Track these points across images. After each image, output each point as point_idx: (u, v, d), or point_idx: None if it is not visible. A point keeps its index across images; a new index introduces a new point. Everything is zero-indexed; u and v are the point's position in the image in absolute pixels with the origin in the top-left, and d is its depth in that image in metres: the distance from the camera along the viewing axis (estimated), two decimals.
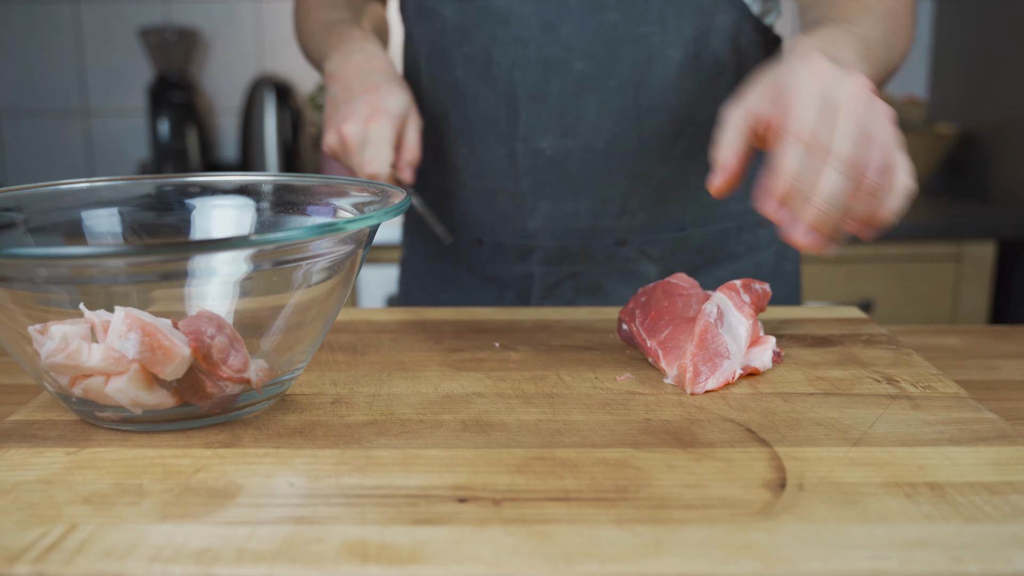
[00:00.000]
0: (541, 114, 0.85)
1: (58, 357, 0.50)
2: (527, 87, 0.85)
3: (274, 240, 0.48)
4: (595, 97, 0.84)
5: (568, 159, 0.87)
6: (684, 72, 0.84)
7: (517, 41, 0.84)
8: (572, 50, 0.83)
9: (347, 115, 0.77)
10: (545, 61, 0.84)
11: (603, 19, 0.82)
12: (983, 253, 1.83)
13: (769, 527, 0.42)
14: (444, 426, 0.54)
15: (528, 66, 0.84)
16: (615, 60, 0.83)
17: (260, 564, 0.39)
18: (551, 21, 0.83)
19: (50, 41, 2.28)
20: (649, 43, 0.83)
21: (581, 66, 0.83)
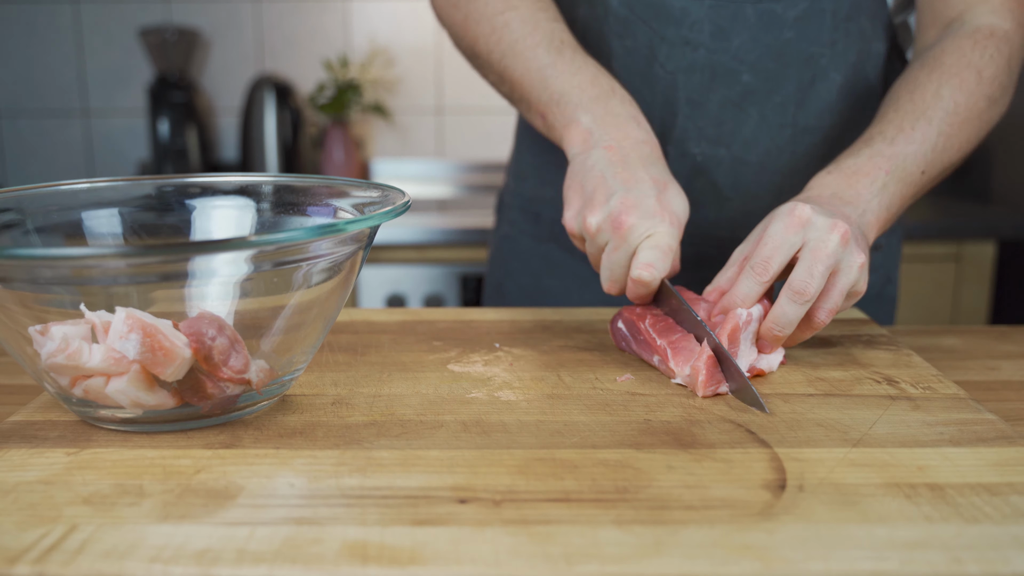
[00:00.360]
0: (699, 120, 0.84)
1: (59, 358, 0.50)
2: (688, 91, 0.84)
3: (274, 241, 0.48)
4: (756, 110, 0.84)
5: (718, 168, 0.86)
6: (842, 95, 0.85)
7: (686, 43, 0.82)
8: (742, 60, 0.82)
9: (632, 205, 0.65)
10: (712, 68, 0.83)
11: (778, 35, 0.82)
12: (983, 253, 1.83)
13: (769, 528, 0.42)
14: (444, 427, 0.54)
15: (693, 70, 0.83)
16: (782, 76, 0.83)
17: (260, 565, 0.39)
18: (725, 29, 0.82)
19: (50, 41, 2.28)
20: (817, 64, 0.83)
21: (748, 78, 0.83)
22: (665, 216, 0.66)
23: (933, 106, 0.73)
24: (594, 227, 0.66)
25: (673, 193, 0.68)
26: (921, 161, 0.71)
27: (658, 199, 0.66)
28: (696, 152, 0.86)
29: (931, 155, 0.72)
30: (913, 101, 0.73)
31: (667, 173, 0.70)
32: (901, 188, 0.70)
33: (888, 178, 0.69)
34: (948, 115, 0.72)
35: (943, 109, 0.72)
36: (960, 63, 0.74)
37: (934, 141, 0.72)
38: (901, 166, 0.70)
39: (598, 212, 0.66)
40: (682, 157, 0.86)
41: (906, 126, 0.72)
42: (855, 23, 0.83)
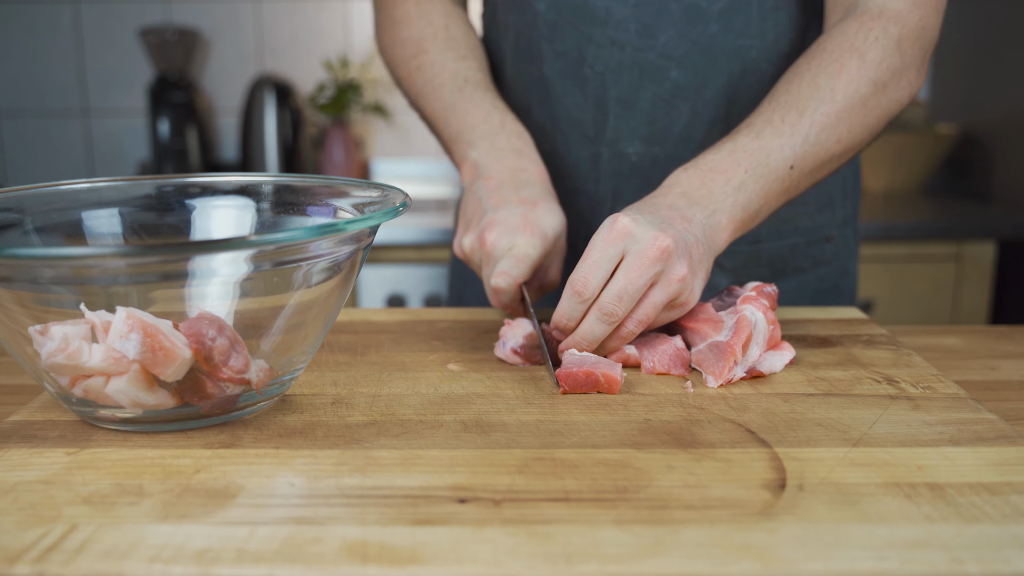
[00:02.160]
0: (631, 119, 0.85)
1: (58, 357, 0.50)
2: (619, 91, 0.84)
3: (274, 241, 0.48)
4: (687, 106, 0.84)
5: (653, 167, 0.86)
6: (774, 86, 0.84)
7: (612, 43, 0.83)
8: (669, 57, 0.82)
9: (495, 222, 0.70)
10: (640, 66, 0.83)
11: (704, 29, 0.81)
12: (983, 253, 1.83)
13: (769, 527, 0.42)
14: (444, 426, 0.54)
15: (622, 70, 0.83)
16: (712, 71, 0.83)
17: (260, 564, 0.39)
18: (650, 26, 0.82)
19: (50, 41, 2.28)
20: (747, 56, 0.82)
21: (677, 74, 0.83)
22: (527, 230, 0.70)
23: (808, 96, 0.69)
24: (468, 248, 0.72)
25: (543, 210, 0.71)
26: (789, 155, 0.68)
27: (523, 216, 0.70)
28: (631, 152, 0.86)
29: (802, 148, 0.68)
30: (788, 92, 0.70)
31: (543, 193, 0.73)
32: (763, 185, 0.67)
33: (747, 176, 0.67)
34: (823, 104, 0.69)
35: (818, 99, 0.69)
36: (841, 47, 0.71)
37: (805, 133, 0.68)
38: (764, 162, 0.67)
39: (470, 234, 0.72)
40: (617, 158, 0.86)
41: (776, 118, 0.69)
42: (784, 12, 0.82)
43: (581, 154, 0.87)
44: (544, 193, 0.73)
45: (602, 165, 0.87)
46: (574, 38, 0.84)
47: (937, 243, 1.82)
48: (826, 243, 0.93)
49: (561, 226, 0.72)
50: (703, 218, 0.65)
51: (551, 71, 0.86)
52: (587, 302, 0.61)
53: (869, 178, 2.11)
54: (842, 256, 0.95)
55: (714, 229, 0.66)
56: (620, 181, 0.87)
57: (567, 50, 0.84)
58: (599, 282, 0.61)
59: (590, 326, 0.62)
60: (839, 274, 0.95)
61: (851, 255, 0.97)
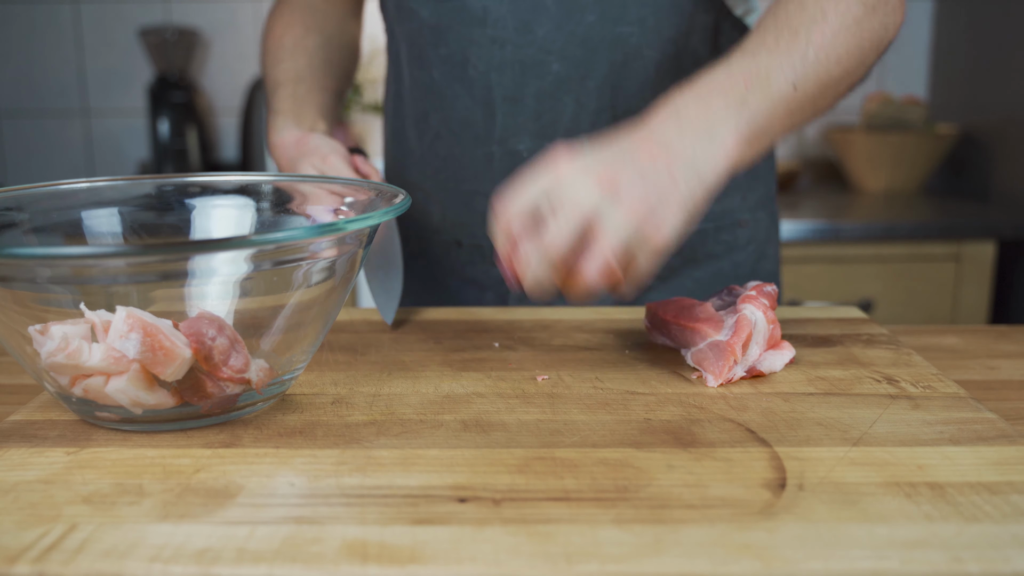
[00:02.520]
0: (518, 116, 0.85)
1: (58, 357, 0.50)
2: (503, 88, 0.84)
3: (274, 240, 0.48)
4: (572, 98, 0.84)
5: None
6: (663, 72, 0.83)
7: (493, 42, 0.83)
8: (549, 51, 0.82)
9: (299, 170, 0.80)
10: (521, 62, 0.83)
11: (580, 20, 0.81)
12: (983, 253, 1.83)
13: (769, 527, 0.42)
14: (444, 426, 0.54)
15: (504, 67, 0.83)
16: (592, 61, 0.82)
17: (260, 564, 0.39)
18: (527, 22, 0.82)
19: (50, 41, 2.28)
20: (627, 44, 0.82)
21: (558, 67, 0.83)
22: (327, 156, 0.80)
23: (797, 16, 0.66)
24: None
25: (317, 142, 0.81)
26: (790, 72, 0.63)
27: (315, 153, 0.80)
28: (522, 148, 0.86)
29: (801, 67, 0.64)
30: (776, 16, 0.67)
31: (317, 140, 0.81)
32: (767, 103, 0.62)
33: (748, 92, 0.62)
34: (816, 24, 0.65)
35: (810, 19, 0.65)
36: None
37: (803, 51, 0.65)
38: (764, 76, 0.63)
39: None
40: (509, 155, 0.86)
41: (768, 39, 0.65)
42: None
43: (475, 155, 0.88)
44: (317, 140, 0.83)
45: (495, 164, 0.87)
46: (457, 41, 0.84)
47: (937, 243, 1.82)
48: (738, 228, 0.93)
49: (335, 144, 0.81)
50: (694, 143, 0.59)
51: (440, 76, 0.87)
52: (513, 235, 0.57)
53: (869, 178, 2.11)
54: (757, 240, 0.94)
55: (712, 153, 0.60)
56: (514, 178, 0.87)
57: (451, 53, 0.85)
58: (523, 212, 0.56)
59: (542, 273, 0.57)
60: (756, 259, 0.94)
61: (768, 238, 0.96)
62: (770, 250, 0.97)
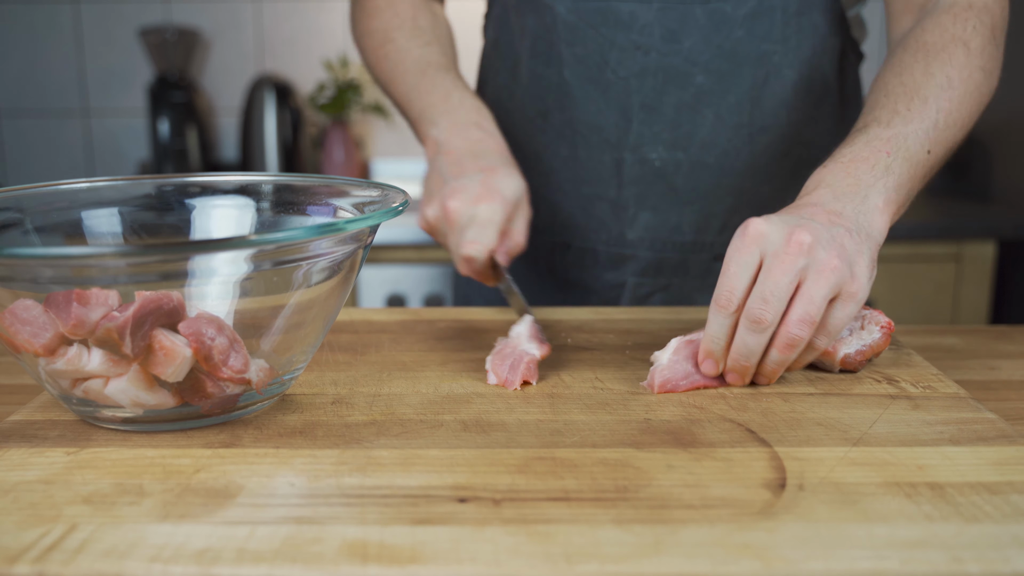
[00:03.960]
0: (654, 125, 0.84)
1: (58, 364, 0.50)
2: (642, 96, 0.84)
3: (274, 240, 0.48)
4: (711, 112, 0.84)
5: (677, 172, 0.86)
6: (797, 92, 0.84)
7: (637, 48, 0.82)
8: (694, 63, 0.82)
9: (456, 191, 0.71)
10: (665, 71, 0.83)
11: (729, 34, 0.81)
12: (983, 253, 1.83)
13: (769, 527, 0.42)
14: (444, 426, 0.54)
15: (646, 75, 0.83)
16: (736, 76, 0.83)
17: (260, 564, 0.39)
18: (675, 31, 0.82)
19: (50, 41, 2.28)
20: (770, 61, 0.83)
21: (701, 79, 0.83)
22: (487, 196, 0.70)
23: (925, 84, 0.69)
24: (431, 218, 0.73)
25: (502, 175, 0.72)
26: (924, 139, 0.67)
27: (482, 183, 0.71)
28: (654, 157, 0.86)
29: (933, 133, 0.67)
30: (903, 84, 0.70)
31: (500, 160, 0.74)
32: (908, 168, 0.65)
33: (891, 160, 0.65)
34: (943, 91, 0.69)
35: (937, 86, 0.69)
36: (944, 38, 0.71)
37: (934, 118, 0.68)
38: (903, 146, 0.66)
39: (433, 204, 0.73)
40: (640, 163, 0.86)
41: (900, 108, 0.68)
42: (807, 18, 0.82)
43: (602, 159, 0.87)
44: (502, 160, 0.74)
45: (625, 171, 0.86)
46: (596, 42, 0.83)
47: (937, 243, 1.82)
48: None
49: (521, 189, 0.73)
50: (854, 207, 0.62)
51: (571, 75, 0.85)
52: (733, 315, 0.58)
53: None
54: None
55: (869, 214, 0.62)
56: (643, 186, 0.87)
57: (589, 54, 0.84)
58: (742, 291, 0.57)
59: (741, 338, 0.58)
60: None
61: None
62: None
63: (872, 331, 0.64)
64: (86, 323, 0.49)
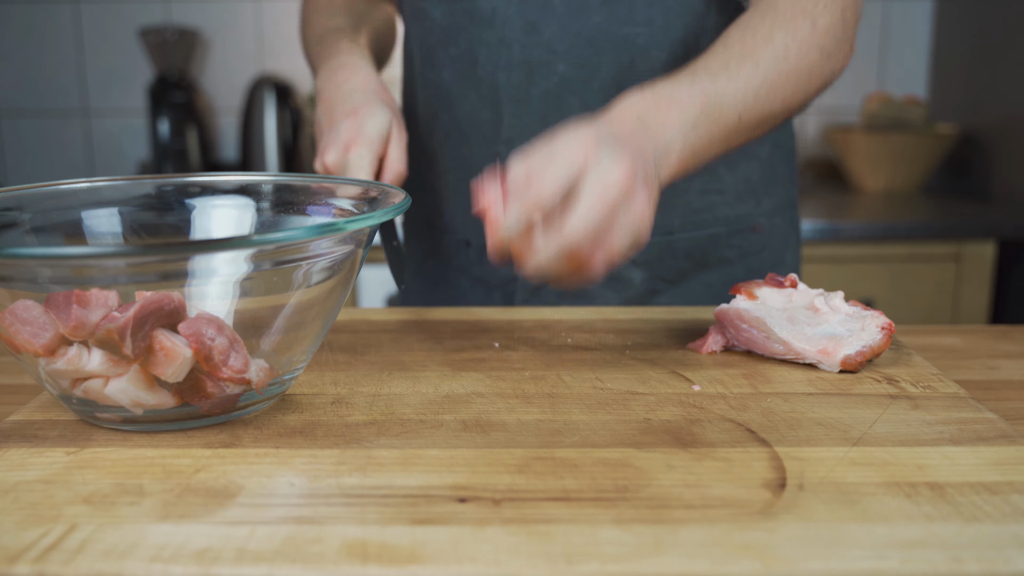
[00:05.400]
0: (524, 116, 0.85)
1: (58, 364, 0.50)
2: (510, 89, 0.84)
3: (274, 240, 0.48)
4: (577, 99, 0.83)
5: None
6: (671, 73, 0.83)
7: (501, 42, 0.83)
8: (555, 52, 0.82)
9: (328, 143, 0.74)
10: (528, 63, 0.83)
11: (587, 20, 0.81)
12: (983, 253, 1.83)
13: (769, 527, 0.42)
14: (444, 426, 0.54)
15: (511, 68, 0.84)
16: (598, 62, 0.82)
17: (260, 564, 0.39)
18: (534, 22, 0.82)
19: (50, 41, 2.28)
20: (634, 44, 0.82)
21: (564, 68, 0.83)
22: (353, 140, 0.73)
23: (763, 49, 0.68)
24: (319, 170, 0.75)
25: (364, 114, 0.75)
26: (739, 104, 0.66)
27: (347, 129, 0.74)
28: None
29: (751, 101, 0.67)
30: (744, 41, 0.69)
31: (364, 98, 0.76)
32: (712, 129, 0.65)
33: (700, 115, 0.64)
34: (777, 61, 0.68)
35: (772, 54, 0.68)
36: (795, 8, 0.71)
37: (758, 87, 0.67)
38: (717, 104, 0.65)
39: (317, 159, 0.76)
40: None
41: (732, 64, 0.67)
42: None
43: (484, 155, 0.88)
44: (364, 97, 0.76)
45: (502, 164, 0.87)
46: (467, 41, 0.85)
47: (937, 243, 1.82)
48: (752, 233, 0.92)
49: (384, 121, 0.75)
50: (654, 149, 0.61)
51: (449, 76, 0.87)
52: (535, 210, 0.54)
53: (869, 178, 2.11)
54: (774, 246, 0.94)
55: (662, 164, 0.62)
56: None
57: (461, 54, 0.85)
58: (552, 193, 0.54)
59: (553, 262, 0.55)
60: (771, 265, 0.94)
61: (786, 245, 0.96)
62: (788, 257, 0.96)
63: (872, 332, 0.64)
64: (86, 324, 0.49)
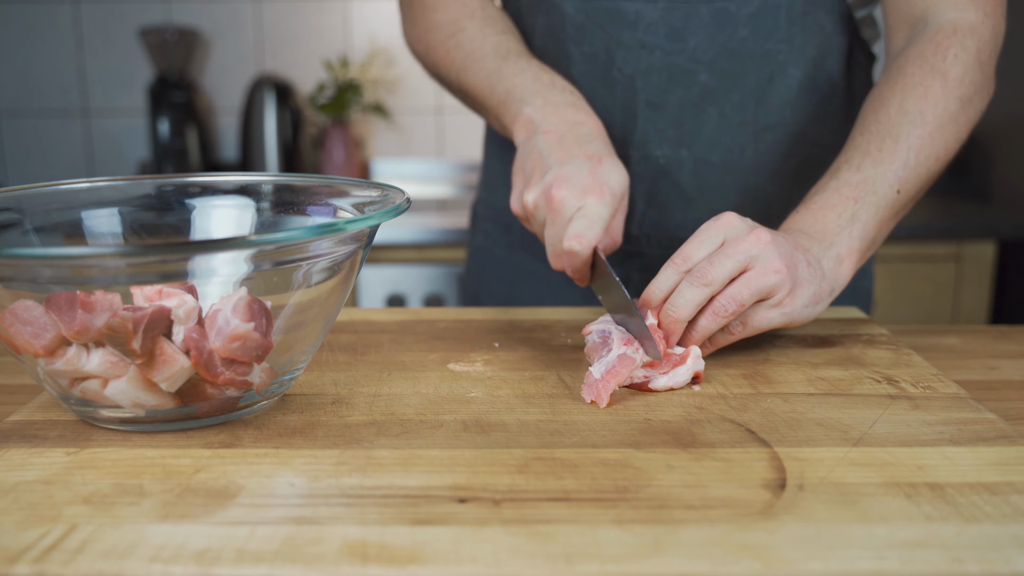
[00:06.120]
0: (659, 122, 0.85)
1: (57, 363, 0.50)
2: (647, 94, 0.84)
3: (274, 240, 0.48)
4: (716, 110, 0.84)
5: (681, 169, 0.86)
6: (802, 91, 0.85)
7: (642, 46, 0.83)
8: (698, 61, 0.83)
9: (563, 179, 0.67)
10: (669, 69, 0.83)
11: (733, 33, 0.82)
12: (983, 253, 1.83)
13: (769, 527, 0.42)
14: (444, 426, 0.54)
15: (651, 73, 0.84)
16: (740, 75, 0.83)
17: (260, 564, 0.39)
18: (680, 30, 0.82)
19: (50, 41, 2.28)
20: (774, 60, 0.83)
21: (705, 78, 0.83)
22: (596, 188, 0.67)
23: (899, 123, 0.71)
24: (531, 204, 0.69)
25: (608, 166, 0.69)
26: (894, 181, 0.69)
27: (591, 172, 0.68)
28: (659, 155, 0.86)
29: (904, 172, 0.70)
30: (879, 121, 0.72)
31: (605, 148, 0.71)
32: (875, 212, 0.69)
33: (858, 207, 0.68)
34: (916, 128, 0.70)
35: (910, 123, 0.70)
36: (923, 70, 0.73)
37: (905, 158, 0.70)
38: (871, 191, 0.69)
39: (534, 189, 0.69)
40: (645, 160, 0.87)
41: (872, 149, 0.70)
42: (812, 18, 0.83)
43: None
44: (606, 148, 0.71)
45: (631, 168, 0.87)
46: (603, 40, 0.84)
47: (937, 243, 1.82)
48: None
49: (626, 182, 0.70)
50: (820, 250, 0.66)
51: (579, 73, 0.86)
52: (683, 274, 0.62)
53: None
54: None
55: (832, 260, 0.66)
56: (649, 183, 0.88)
57: (595, 52, 0.85)
58: (698, 259, 0.62)
59: (680, 289, 0.61)
60: (858, 276, 0.95)
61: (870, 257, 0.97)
62: (867, 269, 0.97)
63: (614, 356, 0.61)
64: (90, 329, 0.49)
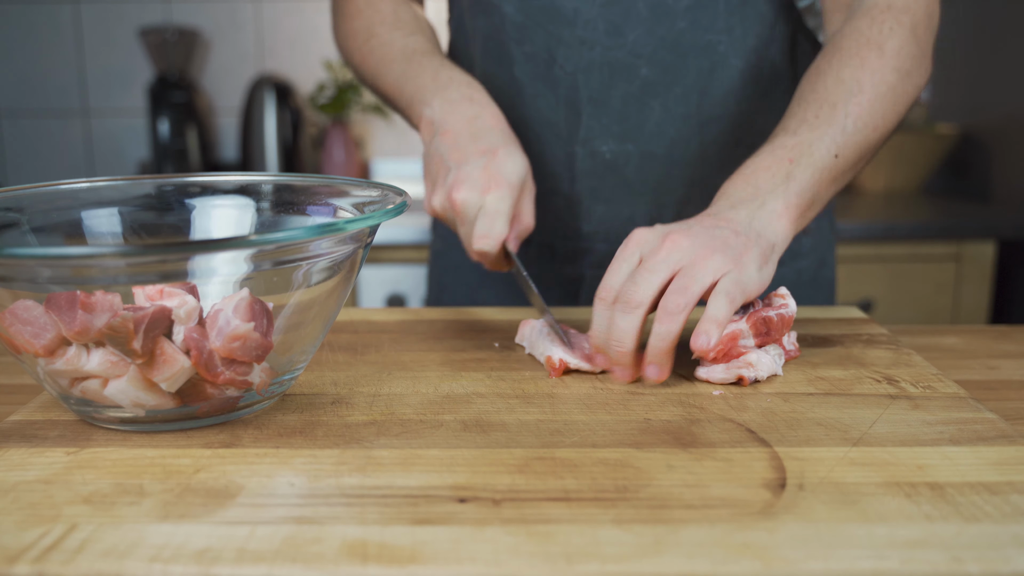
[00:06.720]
0: (603, 118, 0.85)
1: (57, 363, 0.50)
2: (590, 90, 0.84)
3: (274, 240, 0.48)
4: (658, 103, 0.84)
5: (627, 164, 0.87)
6: (745, 81, 0.85)
7: (582, 43, 0.83)
8: (639, 55, 0.83)
9: (461, 180, 0.69)
10: (610, 65, 0.83)
11: (671, 26, 0.82)
12: (983, 253, 1.83)
13: (769, 527, 0.42)
14: (444, 426, 0.54)
15: (592, 69, 0.84)
16: (681, 67, 0.83)
17: (260, 564, 0.39)
18: (618, 25, 0.82)
19: (50, 41, 2.28)
20: (715, 51, 0.83)
21: (646, 72, 0.83)
22: (493, 183, 0.68)
23: (835, 91, 0.70)
24: (439, 207, 0.71)
25: (503, 157, 0.70)
26: (831, 144, 0.68)
27: (485, 169, 0.69)
28: (604, 150, 0.86)
29: (842, 138, 0.69)
30: (815, 91, 0.71)
31: (500, 139, 0.72)
32: (812, 174, 0.67)
33: (793, 167, 0.67)
34: (853, 96, 0.70)
35: (847, 92, 0.70)
36: (858, 43, 0.72)
37: (843, 124, 0.69)
38: (807, 152, 0.68)
39: (439, 194, 0.71)
40: (591, 156, 0.87)
41: (809, 116, 0.70)
42: (751, 7, 0.83)
43: (555, 155, 0.88)
44: (502, 138, 0.72)
45: (577, 164, 0.87)
46: (543, 39, 0.84)
47: (937, 243, 1.82)
48: (803, 235, 0.94)
49: (525, 169, 0.71)
50: (748, 212, 0.64)
51: (522, 73, 0.86)
52: (612, 306, 0.60)
53: (869, 178, 2.11)
54: (819, 248, 0.96)
55: (765, 219, 0.65)
56: (595, 180, 0.88)
57: (537, 52, 0.85)
58: (620, 285, 0.61)
59: (614, 322, 0.60)
60: (817, 265, 0.96)
61: (828, 246, 0.98)
62: (829, 257, 0.98)
63: None
64: (91, 330, 0.49)
